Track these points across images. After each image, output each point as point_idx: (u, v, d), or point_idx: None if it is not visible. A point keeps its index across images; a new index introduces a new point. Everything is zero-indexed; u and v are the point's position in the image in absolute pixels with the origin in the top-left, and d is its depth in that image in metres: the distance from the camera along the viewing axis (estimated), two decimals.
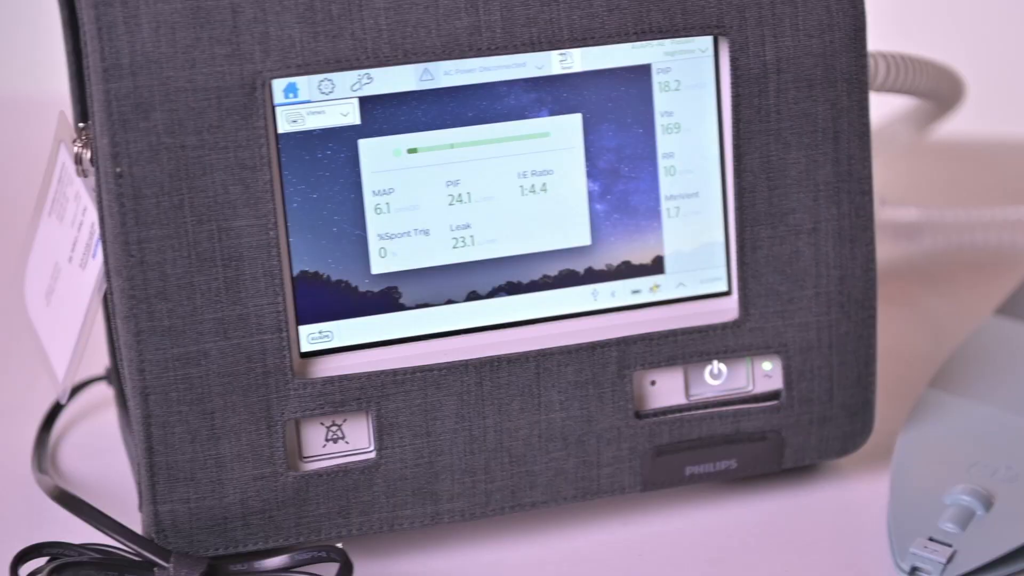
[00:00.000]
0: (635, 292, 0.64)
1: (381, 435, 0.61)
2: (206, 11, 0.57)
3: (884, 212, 0.86)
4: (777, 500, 0.67)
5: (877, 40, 0.73)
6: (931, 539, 0.62)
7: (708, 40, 0.63)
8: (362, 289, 0.61)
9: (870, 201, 0.65)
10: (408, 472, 0.62)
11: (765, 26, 0.62)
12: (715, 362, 0.65)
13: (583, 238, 0.63)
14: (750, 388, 0.66)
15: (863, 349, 0.66)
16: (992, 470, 0.65)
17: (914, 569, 0.62)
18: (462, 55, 0.60)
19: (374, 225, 0.61)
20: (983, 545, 0.62)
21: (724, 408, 0.65)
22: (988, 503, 0.63)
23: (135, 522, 0.62)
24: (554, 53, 0.62)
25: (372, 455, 0.62)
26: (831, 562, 0.63)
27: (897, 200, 0.88)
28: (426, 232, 0.62)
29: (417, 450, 0.62)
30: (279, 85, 0.59)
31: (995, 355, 0.72)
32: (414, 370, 0.61)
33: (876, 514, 0.65)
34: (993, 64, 1.16)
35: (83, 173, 0.60)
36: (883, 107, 0.85)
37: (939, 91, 0.76)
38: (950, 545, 0.62)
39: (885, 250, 0.86)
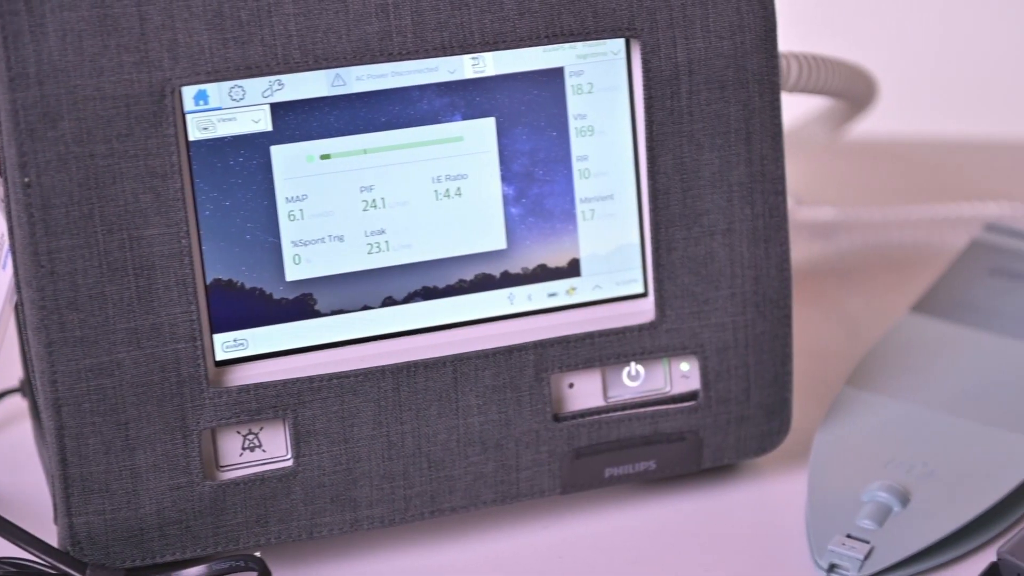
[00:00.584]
0: (551, 295, 0.64)
1: (298, 443, 0.61)
2: (113, 19, 0.57)
3: (800, 212, 0.86)
4: (696, 500, 0.67)
5: (789, 41, 0.73)
6: (849, 536, 0.63)
7: (620, 43, 0.63)
8: (277, 296, 0.61)
9: (783, 201, 0.65)
10: (326, 479, 0.62)
11: (676, 28, 0.62)
12: (632, 364, 0.65)
13: (498, 242, 0.63)
14: (668, 389, 0.66)
15: (779, 348, 0.66)
16: (908, 466, 0.66)
17: (832, 566, 0.62)
18: (373, 60, 0.60)
19: (288, 232, 0.61)
20: (900, 541, 0.62)
21: (642, 409, 0.65)
22: (905, 499, 0.64)
23: (51, 535, 0.61)
24: (466, 57, 0.62)
25: (289, 463, 0.61)
26: (750, 561, 0.63)
27: (813, 200, 0.88)
28: (340, 238, 0.61)
29: (335, 457, 0.62)
30: (189, 92, 0.59)
31: (911, 352, 0.73)
32: (330, 377, 0.61)
33: (795, 512, 0.66)
34: (904, 63, 1.17)
35: None
36: (797, 107, 0.86)
37: (852, 91, 0.76)
38: (868, 542, 0.62)
39: (801, 250, 0.87)
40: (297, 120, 0.60)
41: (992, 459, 0.66)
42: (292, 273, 0.61)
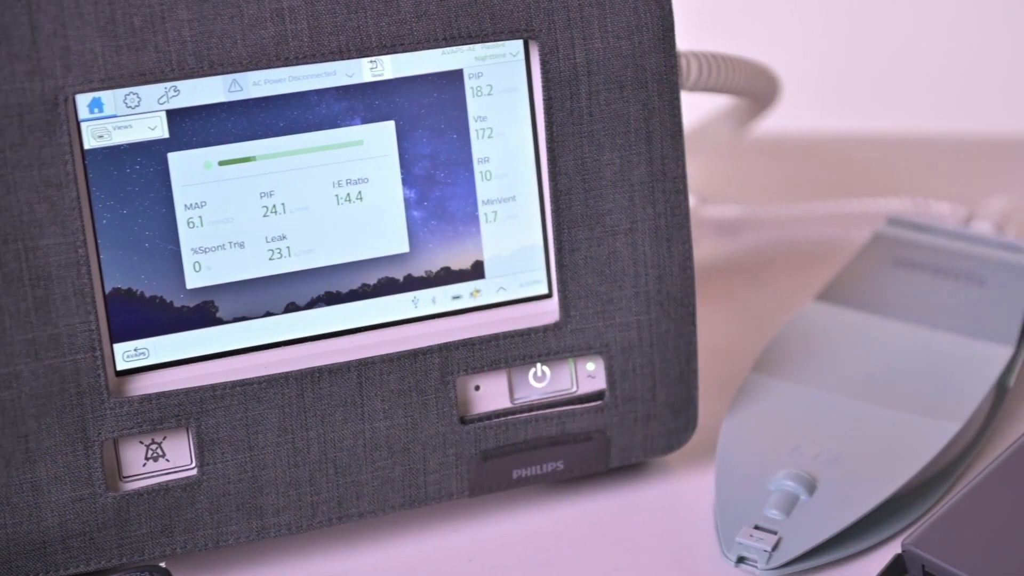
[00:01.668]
0: (456, 298, 0.64)
1: (202, 451, 0.61)
2: (3, 27, 0.56)
3: (704, 210, 0.87)
4: (605, 499, 0.67)
5: (690, 40, 0.74)
6: (757, 527, 0.63)
7: (518, 44, 0.63)
8: (177, 304, 0.61)
9: (685, 199, 0.65)
10: (231, 488, 0.61)
11: (574, 29, 0.62)
12: (538, 365, 0.65)
13: (401, 245, 0.63)
14: (574, 389, 0.66)
15: (684, 346, 0.66)
16: (814, 453, 0.66)
17: (741, 559, 0.62)
18: (269, 65, 0.59)
19: (187, 239, 0.60)
20: (807, 530, 0.63)
21: (549, 410, 0.65)
22: (811, 487, 0.64)
23: None
24: (364, 61, 0.61)
25: (194, 472, 0.61)
26: (661, 558, 0.64)
27: (717, 198, 0.89)
28: (241, 245, 0.61)
29: (240, 465, 0.61)
30: (83, 100, 0.58)
31: (815, 339, 0.73)
32: (233, 384, 0.61)
33: (704, 508, 0.66)
34: (806, 61, 1.18)
35: None
36: (701, 106, 0.86)
37: (754, 89, 0.77)
38: (775, 532, 0.63)
39: (706, 247, 0.87)
40: (194, 126, 0.60)
41: (896, 442, 0.66)
42: (193, 281, 0.61)
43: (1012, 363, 0.73)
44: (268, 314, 0.62)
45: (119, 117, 0.59)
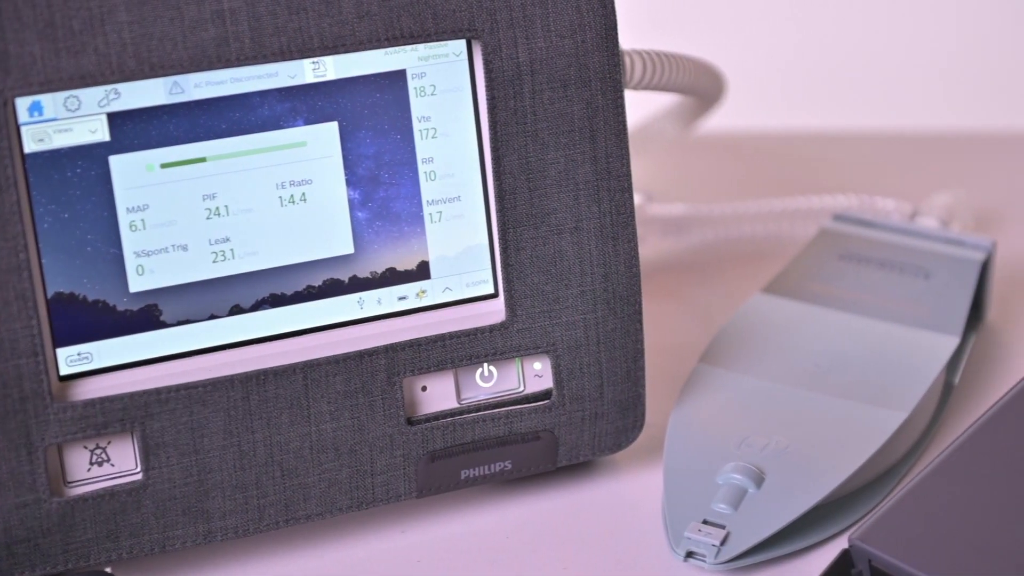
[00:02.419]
0: (402, 298, 0.64)
1: (147, 456, 0.60)
2: None
3: (651, 208, 0.87)
4: (554, 498, 0.67)
5: (635, 39, 0.74)
6: (705, 522, 0.63)
7: (461, 44, 0.63)
8: (121, 308, 0.60)
9: (630, 198, 0.65)
10: (177, 492, 0.61)
11: (517, 28, 0.62)
12: (485, 364, 0.65)
13: (346, 247, 0.63)
14: (521, 389, 0.66)
15: (631, 344, 0.66)
16: (762, 445, 0.66)
17: (690, 554, 0.62)
18: (211, 67, 0.59)
19: (130, 242, 0.60)
20: (756, 524, 0.63)
21: (496, 410, 0.65)
22: (759, 480, 0.64)
23: None
24: (306, 62, 0.61)
25: (139, 476, 0.61)
26: (610, 556, 0.64)
27: (664, 196, 0.89)
28: (184, 247, 0.61)
29: (185, 469, 0.61)
30: (23, 104, 0.58)
31: (762, 330, 0.73)
32: (178, 388, 0.60)
33: (652, 505, 0.66)
34: (752, 59, 1.18)
35: None
36: (647, 105, 0.86)
37: (699, 87, 0.77)
38: (723, 527, 0.63)
39: (653, 246, 0.87)
40: (135, 129, 0.59)
41: (843, 432, 0.66)
42: (136, 284, 0.60)
43: (957, 358, 0.73)
44: (212, 317, 0.62)
45: (59, 120, 0.58)
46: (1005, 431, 0.61)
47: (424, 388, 0.65)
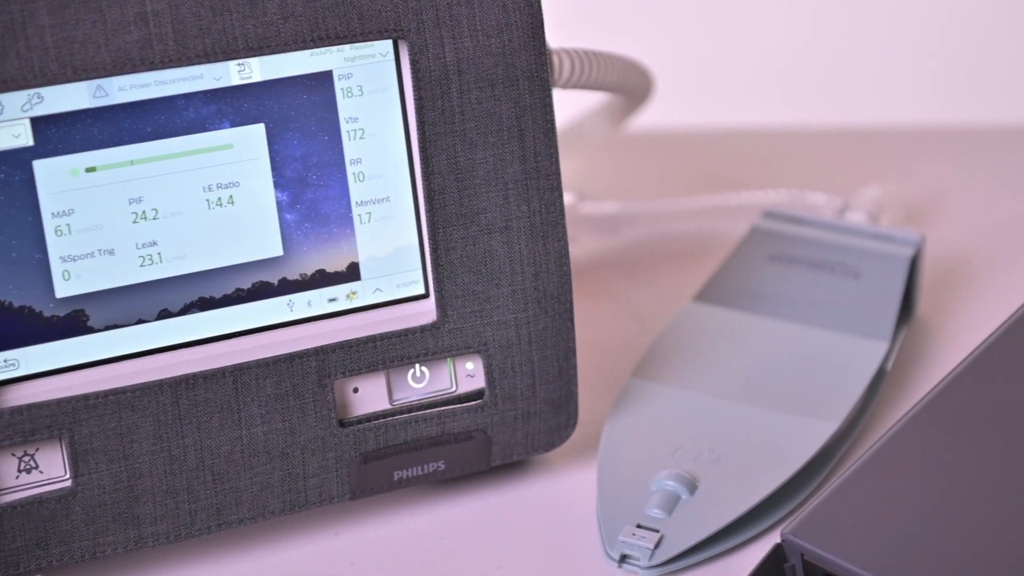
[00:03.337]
0: (332, 300, 0.64)
1: (76, 462, 0.60)
2: None
3: (583, 207, 0.87)
4: (488, 498, 0.67)
5: (563, 38, 0.74)
6: (639, 526, 0.63)
7: (388, 44, 0.63)
8: (47, 314, 0.60)
9: (559, 196, 0.65)
10: (107, 498, 0.61)
11: (443, 28, 0.62)
12: (417, 365, 0.65)
13: (275, 249, 0.63)
14: (453, 389, 0.66)
15: (562, 343, 0.66)
16: (696, 453, 0.67)
17: (624, 557, 0.63)
18: (134, 69, 0.59)
19: (55, 248, 0.59)
20: (689, 528, 0.63)
21: (429, 410, 0.65)
22: (692, 486, 0.65)
23: None
24: (231, 63, 0.61)
25: (68, 483, 0.60)
26: (544, 556, 0.64)
27: (595, 194, 0.89)
28: (111, 252, 0.60)
29: (115, 475, 0.60)
30: None
31: (694, 341, 0.74)
32: (106, 393, 0.60)
33: (587, 505, 0.66)
34: (678, 56, 1.19)
35: None
36: (577, 104, 0.86)
37: (628, 85, 0.77)
38: (657, 531, 0.63)
39: (586, 244, 0.87)
40: (59, 133, 0.59)
41: (775, 443, 0.67)
42: (62, 289, 0.60)
43: (889, 350, 0.73)
44: (140, 321, 0.61)
45: None
46: (935, 423, 0.62)
47: (356, 390, 0.64)
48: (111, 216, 0.60)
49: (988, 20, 1.38)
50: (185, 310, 0.62)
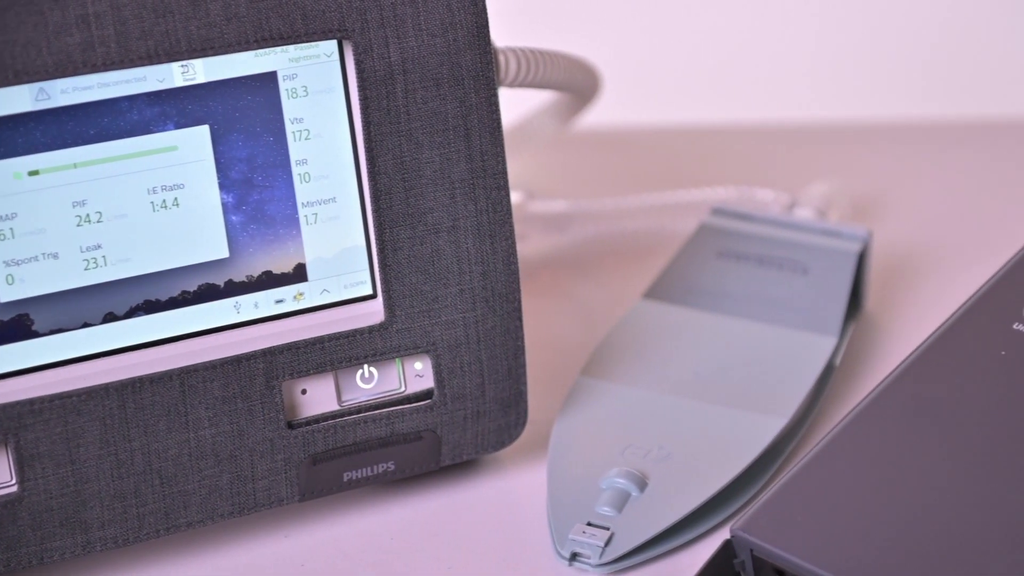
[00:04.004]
0: (279, 302, 0.64)
1: (22, 467, 0.60)
2: None
3: (532, 205, 0.87)
4: (438, 498, 0.67)
5: (509, 37, 0.74)
6: (589, 524, 0.63)
7: (332, 44, 0.63)
8: None
9: (506, 195, 0.65)
10: (54, 503, 0.60)
11: (388, 28, 0.62)
12: (365, 366, 0.65)
13: (220, 251, 0.62)
14: (402, 389, 0.66)
15: (511, 342, 0.66)
16: (645, 451, 0.67)
17: (574, 555, 0.63)
18: (76, 72, 0.58)
19: None
20: (639, 526, 0.63)
21: (378, 411, 0.65)
22: (642, 484, 0.65)
23: None
24: (175, 65, 0.61)
25: (14, 489, 0.60)
26: (495, 555, 0.64)
27: (544, 193, 0.89)
28: (55, 256, 0.60)
29: (62, 479, 0.60)
30: None
31: (643, 338, 0.74)
32: (52, 398, 0.59)
33: (537, 504, 0.66)
34: (626, 54, 1.19)
35: None
36: (526, 103, 0.86)
37: (575, 83, 0.77)
38: (607, 528, 0.63)
39: (535, 243, 0.87)
40: (1, 137, 0.58)
41: (725, 439, 0.67)
42: (5, 294, 0.59)
43: (837, 346, 0.74)
44: (86, 325, 0.61)
45: None
46: (882, 417, 0.62)
47: (304, 391, 0.64)
48: (55, 219, 0.60)
49: (930, 16, 1.39)
50: (131, 313, 0.62)
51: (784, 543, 0.58)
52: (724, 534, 0.63)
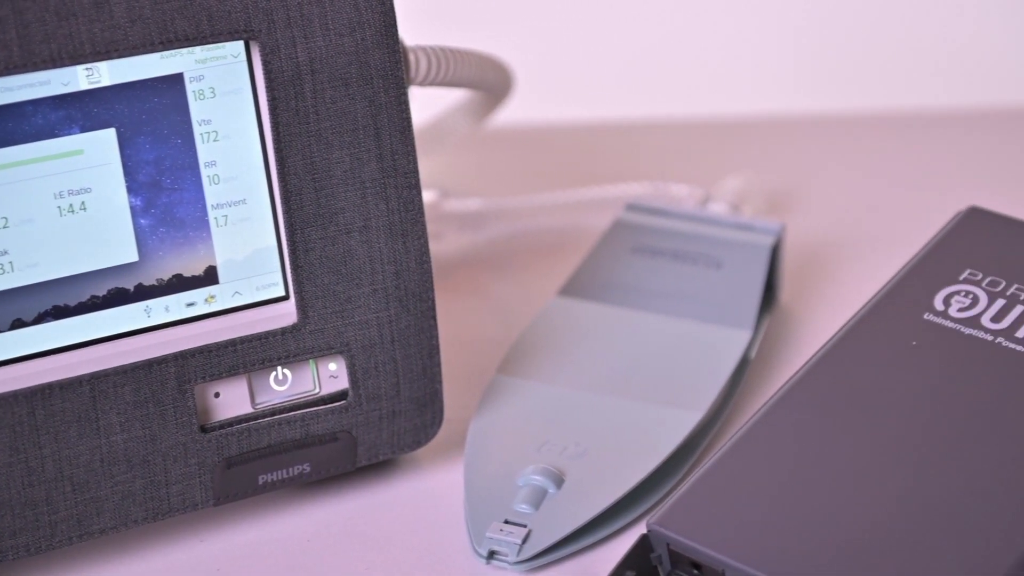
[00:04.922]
0: (190, 305, 0.63)
1: None
2: None
3: (447, 204, 0.87)
4: (356, 499, 0.67)
5: (419, 35, 0.73)
6: (507, 521, 0.63)
7: (239, 45, 0.62)
8: None
9: (418, 194, 0.65)
10: None
11: (295, 28, 0.62)
12: (279, 368, 0.65)
13: (129, 255, 0.62)
14: (317, 390, 0.65)
15: (425, 341, 0.66)
16: (561, 448, 0.67)
17: (492, 553, 0.63)
18: None
19: None
20: (556, 522, 0.63)
21: (292, 413, 0.65)
22: (559, 481, 0.65)
23: None
24: (79, 68, 0.60)
25: None
26: (413, 555, 0.63)
27: (459, 191, 0.89)
28: None
29: None
30: None
31: (559, 335, 0.74)
32: None
33: (455, 503, 0.66)
34: (537, 52, 1.19)
35: None
36: (439, 102, 0.86)
37: (487, 81, 0.77)
38: (525, 526, 0.63)
39: (451, 241, 0.87)
40: None
41: (641, 434, 0.67)
42: None
43: (752, 339, 0.74)
44: None
45: None
46: (795, 409, 0.63)
47: (217, 394, 0.64)
48: None
49: (842, 9, 1.40)
50: (39, 319, 0.61)
51: (700, 536, 0.59)
52: (641, 529, 0.63)
